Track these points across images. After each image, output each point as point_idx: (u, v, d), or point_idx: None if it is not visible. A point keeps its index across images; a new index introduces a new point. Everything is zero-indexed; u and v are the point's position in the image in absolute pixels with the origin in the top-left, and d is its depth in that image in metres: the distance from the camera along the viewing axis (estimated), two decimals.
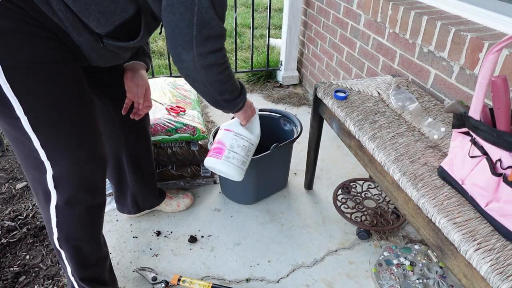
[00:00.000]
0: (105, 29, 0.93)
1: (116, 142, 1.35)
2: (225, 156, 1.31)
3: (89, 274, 1.14)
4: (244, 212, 1.69)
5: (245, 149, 1.34)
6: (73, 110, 0.96)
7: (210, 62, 0.98)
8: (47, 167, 0.97)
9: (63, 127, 0.95)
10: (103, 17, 0.90)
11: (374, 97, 1.44)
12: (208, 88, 1.06)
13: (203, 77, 1.01)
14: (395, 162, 1.08)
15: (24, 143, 0.94)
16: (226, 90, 1.11)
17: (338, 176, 1.92)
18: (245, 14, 4.52)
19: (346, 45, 2.13)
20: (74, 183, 1.01)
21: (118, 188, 1.49)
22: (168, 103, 1.84)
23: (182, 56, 0.96)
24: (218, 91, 1.09)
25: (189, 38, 0.93)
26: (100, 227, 1.16)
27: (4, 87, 0.85)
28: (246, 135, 1.34)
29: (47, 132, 0.93)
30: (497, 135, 0.81)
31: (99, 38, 0.95)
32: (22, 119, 0.89)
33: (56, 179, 0.99)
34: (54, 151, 0.95)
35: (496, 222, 0.85)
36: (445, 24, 1.33)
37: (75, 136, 0.97)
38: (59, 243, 1.07)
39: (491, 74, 0.81)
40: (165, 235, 1.56)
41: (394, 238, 1.57)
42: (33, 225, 1.59)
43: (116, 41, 0.97)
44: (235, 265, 1.44)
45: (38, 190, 1.02)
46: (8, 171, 1.91)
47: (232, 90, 1.14)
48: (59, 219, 1.04)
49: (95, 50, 0.98)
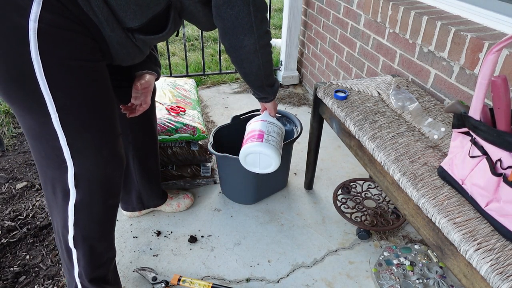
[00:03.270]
0: (140, 22, 0.96)
1: (124, 140, 1.36)
2: (265, 139, 1.38)
3: (98, 273, 1.14)
4: (244, 212, 1.69)
5: (280, 135, 1.43)
6: (102, 109, 0.98)
7: (267, 41, 1.11)
8: (68, 166, 0.97)
9: (92, 126, 0.96)
10: (139, 10, 0.94)
11: (374, 97, 1.44)
12: (261, 69, 1.16)
13: (260, 58, 1.13)
14: (395, 162, 1.08)
15: (48, 141, 0.94)
16: (271, 73, 1.23)
17: (338, 176, 1.92)
18: None
19: (346, 45, 2.13)
20: (95, 182, 1.01)
21: (124, 186, 1.50)
22: (168, 103, 1.84)
23: (245, 41, 1.07)
24: (267, 73, 1.20)
25: (250, 25, 1.04)
26: (114, 226, 1.17)
27: (41, 83, 0.85)
28: (278, 124, 1.45)
29: (75, 130, 0.94)
30: (497, 135, 0.81)
31: (131, 34, 0.98)
32: (52, 116, 0.89)
33: (78, 178, 0.99)
34: (78, 149, 0.96)
35: (496, 222, 0.85)
36: (445, 24, 1.33)
37: (101, 135, 0.99)
38: (74, 242, 1.07)
39: (491, 74, 0.81)
40: (165, 235, 1.56)
41: (394, 238, 1.57)
42: (33, 225, 1.59)
43: (145, 35, 1.00)
44: (235, 265, 1.44)
45: (56, 189, 1.01)
46: (8, 171, 1.91)
47: (273, 75, 1.27)
48: (78, 217, 1.04)
49: (124, 47, 1.00)
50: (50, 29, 0.82)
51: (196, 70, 3.04)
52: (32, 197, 1.75)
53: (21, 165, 1.96)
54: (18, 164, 1.97)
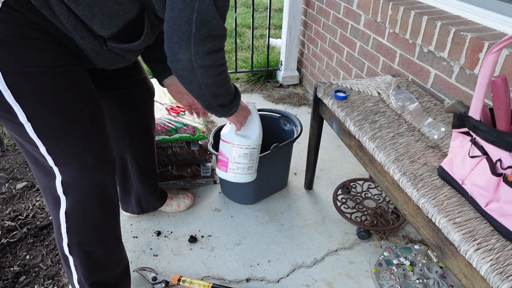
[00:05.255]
0: (109, 31, 0.91)
1: (121, 143, 1.35)
2: (230, 169, 1.37)
3: (100, 278, 1.12)
4: (244, 212, 1.69)
5: (247, 156, 1.36)
6: (78, 115, 0.94)
7: (209, 63, 0.94)
8: (56, 173, 0.95)
9: (68, 132, 0.93)
10: (107, 19, 0.88)
11: (374, 97, 1.44)
12: (204, 90, 1.01)
13: (200, 78, 0.97)
14: (395, 162, 1.08)
15: (32, 149, 0.93)
16: (221, 93, 1.07)
17: (338, 176, 1.92)
18: (245, 14, 4.52)
19: (346, 45, 2.13)
20: (83, 189, 0.99)
21: (123, 188, 1.49)
22: (168, 103, 1.84)
23: (179, 55, 0.91)
24: (213, 94, 1.04)
25: (187, 36, 0.88)
26: (113, 230, 1.14)
27: (5, 94, 0.83)
28: (244, 143, 1.34)
29: (52, 137, 0.91)
30: (497, 135, 0.81)
31: (103, 41, 0.93)
32: (26, 125, 0.88)
33: (65, 185, 0.97)
34: (60, 156, 0.94)
35: (496, 222, 0.85)
36: (445, 24, 1.33)
37: (81, 141, 0.95)
38: (69, 249, 1.05)
39: (491, 74, 0.81)
40: (165, 235, 1.56)
41: (394, 238, 1.57)
42: (33, 225, 1.59)
43: (120, 43, 0.95)
44: (235, 265, 1.44)
45: (48, 196, 1.00)
46: (8, 171, 1.91)
47: (227, 94, 1.11)
48: (69, 224, 1.02)
49: (99, 54, 0.96)
50: (7, 39, 0.81)
51: None
52: (32, 197, 1.75)
53: (21, 165, 1.96)
54: (18, 164, 1.97)
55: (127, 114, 1.29)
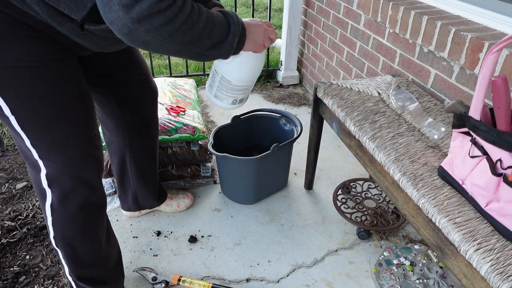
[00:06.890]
0: (80, 14, 0.83)
1: (121, 140, 1.36)
2: (214, 95, 1.18)
3: (87, 274, 1.14)
4: (244, 212, 1.69)
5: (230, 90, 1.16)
6: (62, 109, 0.94)
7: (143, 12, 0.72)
8: (40, 166, 0.97)
9: (51, 126, 0.93)
10: (73, 2, 0.81)
11: (374, 97, 1.44)
12: (172, 45, 0.81)
13: (151, 37, 0.77)
14: (395, 162, 1.08)
15: (19, 142, 0.95)
16: (199, 38, 0.84)
17: (338, 176, 1.92)
18: (245, 14, 4.52)
19: (346, 45, 2.13)
20: (66, 183, 1.00)
21: (121, 185, 1.50)
22: (168, 103, 1.84)
23: (108, 16, 0.74)
24: (185, 42, 0.82)
25: None
26: (99, 226, 1.14)
27: None
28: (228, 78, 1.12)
29: (35, 131, 0.92)
30: (497, 135, 0.81)
31: (79, 25, 0.85)
32: (10, 118, 0.90)
33: (49, 178, 0.99)
34: (44, 150, 0.95)
35: (496, 222, 0.85)
36: (445, 24, 1.33)
37: (65, 136, 0.96)
38: (55, 242, 1.08)
39: (491, 74, 0.81)
40: (165, 235, 1.56)
41: (394, 238, 1.57)
42: (33, 225, 1.59)
43: (96, 25, 0.84)
44: (235, 265, 1.44)
45: (36, 188, 1.03)
46: (8, 171, 1.91)
47: (211, 32, 0.85)
48: (54, 218, 1.04)
49: (84, 38, 0.91)
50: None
51: (196, 70, 3.04)
52: (32, 197, 1.75)
53: (21, 165, 1.95)
54: (18, 164, 1.96)
55: (127, 112, 1.29)
